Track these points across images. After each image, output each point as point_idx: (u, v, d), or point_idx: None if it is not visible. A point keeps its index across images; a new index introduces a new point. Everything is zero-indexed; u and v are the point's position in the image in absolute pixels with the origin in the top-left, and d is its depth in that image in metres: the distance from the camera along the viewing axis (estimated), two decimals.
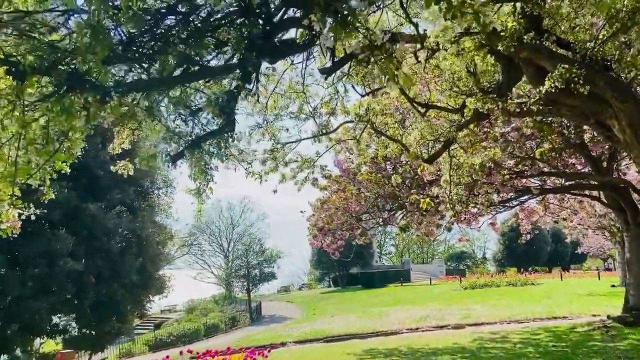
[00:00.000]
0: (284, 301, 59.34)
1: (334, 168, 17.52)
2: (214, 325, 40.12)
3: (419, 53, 7.91)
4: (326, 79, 8.55)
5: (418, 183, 16.02)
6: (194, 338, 35.77)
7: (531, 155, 13.98)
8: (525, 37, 5.47)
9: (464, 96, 8.35)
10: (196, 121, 4.52)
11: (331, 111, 10.16)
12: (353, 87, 9.29)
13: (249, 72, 4.45)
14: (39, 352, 27.16)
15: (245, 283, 59.44)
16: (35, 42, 3.51)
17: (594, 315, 20.23)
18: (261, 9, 4.31)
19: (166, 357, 11.17)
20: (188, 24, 3.89)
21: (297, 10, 4.72)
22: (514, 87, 7.14)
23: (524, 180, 17.82)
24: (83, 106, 3.66)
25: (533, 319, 21.57)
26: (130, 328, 38.06)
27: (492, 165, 11.36)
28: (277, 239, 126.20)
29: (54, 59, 3.44)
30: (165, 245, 31.93)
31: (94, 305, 24.89)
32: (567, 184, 18.31)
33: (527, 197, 19.49)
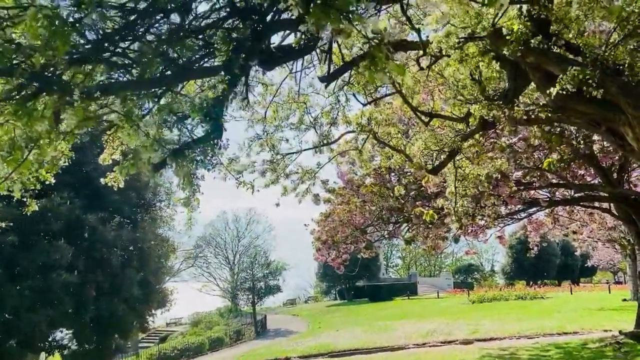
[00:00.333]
0: (289, 314, 58.82)
1: (338, 180, 17.24)
2: (218, 338, 39.67)
3: (422, 60, 7.65)
4: (326, 87, 8.31)
5: (423, 195, 15.70)
6: (198, 352, 35.32)
7: (539, 166, 13.64)
8: (532, 41, 5.19)
9: (468, 105, 8.07)
10: (181, 127, 4.26)
11: (332, 121, 9.91)
12: (354, 96, 9.05)
13: (235, 75, 4.19)
14: None
15: (251, 296, 58.96)
16: None
17: (606, 331, 19.73)
18: (249, 8, 4.06)
19: None
20: (170, 23, 3.66)
21: (290, 12, 4.46)
22: (521, 95, 6.85)
23: (532, 191, 17.46)
24: (44, 108, 3.41)
25: (543, 334, 21.08)
26: (135, 342, 37.67)
27: (499, 177, 11.03)
28: (283, 251, 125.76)
29: (14, 56, 3.20)
30: (168, 258, 31.61)
31: (95, 320, 24.54)
32: (576, 195, 17.91)
33: (535, 209, 19.10)
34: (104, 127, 4.29)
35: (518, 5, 5.36)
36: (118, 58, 3.84)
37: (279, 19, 4.36)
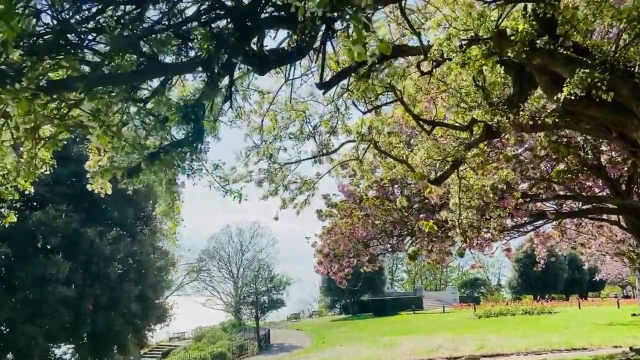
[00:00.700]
0: (293, 329, 58.27)
1: (338, 192, 16.90)
2: (221, 354, 39.17)
3: (422, 65, 7.37)
4: (324, 94, 8.05)
5: (427, 207, 15.36)
6: None
7: (546, 177, 13.30)
8: (539, 41, 4.91)
9: (472, 111, 7.78)
10: (160, 130, 3.96)
11: (331, 130, 9.63)
12: (354, 104, 8.78)
13: (215, 72, 3.91)
14: None
15: (254, 310, 58.45)
16: None
17: (616, 347, 19.26)
18: (234, 3, 3.80)
19: None
20: (142, 15, 3.40)
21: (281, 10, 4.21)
22: (527, 102, 6.56)
23: (539, 204, 17.07)
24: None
25: (551, 350, 20.60)
26: (137, 357, 37.18)
27: (505, 187, 10.69)
28: (287, 265, 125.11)
29: None
30: (168, 271, 31.21)
31: (92, 334, 24.16)
32: (584, 207, 17.51)
33: (542, 221, 18.69)
34: (73, 127, 4.00)
35: (523, 5, 5.09)
36: (84, 51, 3.57)
37: (265, 13, 4.09)
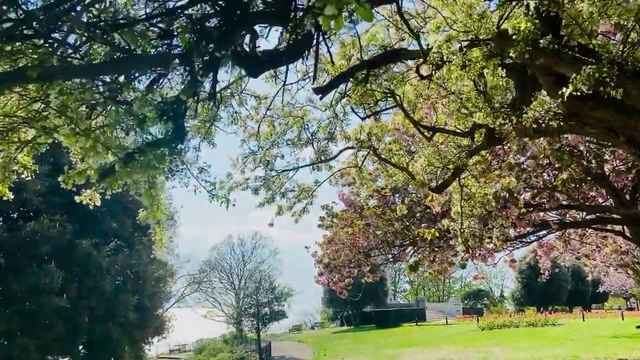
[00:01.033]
0: (295, 341, 57.85)
1: (338, 201, 16.69)
2: None
3: (422, 68, 7.19)
4: (321, 98, 7.87)
5: (429, 217, 15.11)
6: None
7: (550, 185, 13.06)
8: (542, 41, 4.72)
9: (473, 118, 7.59)
10: (139, 129, 3.73)
11: (330, 136, 9.44)
12: (352, 110, 8.59)
13: (195, 68, 3.69)
14: None
15: (255, 322, 58.00)
16: None
17: None
18: None
19: None
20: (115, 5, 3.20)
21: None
22: (530, 106, 6.35)
23: (542, 213, 16.81)
24: None
25: None
26: None
27: (507, 196, 10.45)
28: (289, 276, 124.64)
29: None
30: (166, 282, 30.86)
31: (88, 346, 23.79)
32: (588, 217, 17.24)
33: (545, 232, 18.41)
34: (48, 129, 3.79)
35: (525, 3, 4.90)
36: (46, 40, 3.37)
37: (254, 7, 3.90)
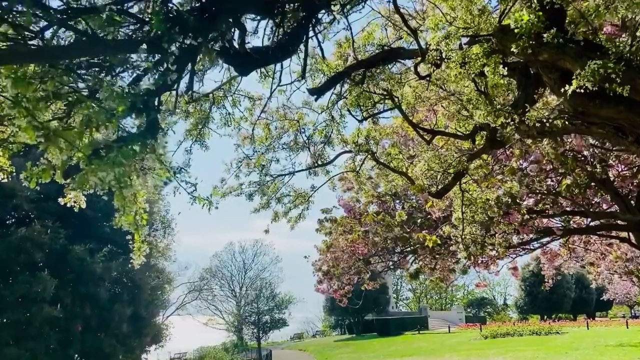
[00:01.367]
0: (296, 349, 57.38)
1: (339, 207, 16.42)
2: None
3: (420, 68, 6.93)
4: (316, 100, 7.62)
5: (430, 223, 14.82)
6: None
7: (554, 191, 12.78)
8: (545, 34, 4.46)
9: (473, 120, 7.33)
10: (103, 122, 3.47)
11: (326, 140, 9.18)
12: (349, 112, 8.33)
13: (166, 54, 3.43)
14: None
15: (256, 330, 57.57)
16: None
17: None
18: None
19: None
20: None
21: None
22: (533, 107, 6.08)
23: (545, 220, 16.50)
24: None
25: None
26: None
27: (510, 201, 10.17)
28: (291, 284, 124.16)
29: None
30: (164, 290, 30.47)
31: (81, 356, 23.31)
32: (592, 224, 16.91)
33: (549, 238, 18.07)
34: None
35: None
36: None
37: None
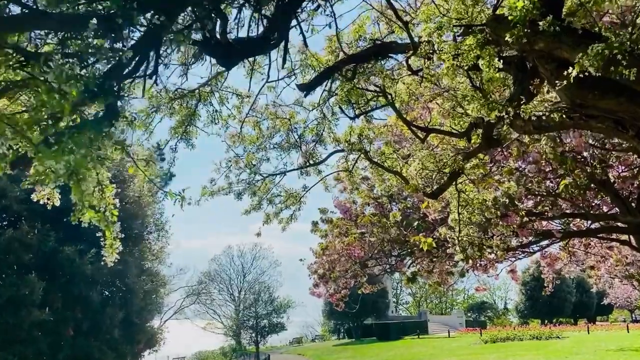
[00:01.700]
0: (295, 353, 57.00)
1: (332, 208, 16.17)
2: None
3: (412, 63, 6.69)
4: (306, 95, 7.39)
5: (427, 225, 14.56)
6: None
7: (553, 192, 12.53)
8: (541, 22, 4.22)
9: (468, 117, 7.08)
10: (55, 107, 3.20)
11: (318, 138, 8.94)
12: (341, 109, 8.08)
13: (120, 31, 3.17)
14: None
15: (254, 334, 57.23)
16: None
17: None
18: None
19: None
20: None
21: None
22: (529, 103, 5.84)
23: (545, 222, 16.23)
24: None
25: None
26: None
27: (507, 202, 9.92)
28: (291, 288, 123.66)
29: None
30: (158, 293, 30.09)
31: None
32: (592, 226, 16.64)
33: (548, 241, 17.80)
34: None
35: None
36: None
37: None
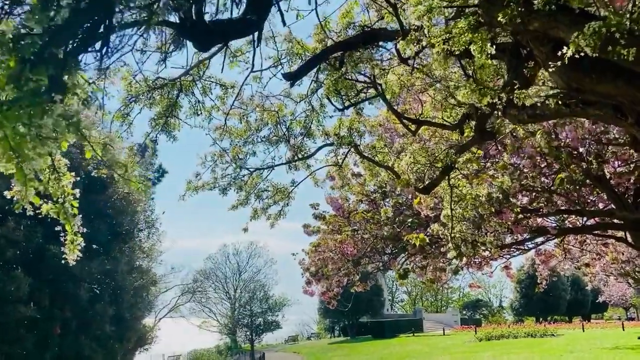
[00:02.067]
0: (290, 352, 56.87)
1: (328, 205, 15.92)
2: None
3: (401, 48, 6.41)
4: (292, 85, 7.10)
5: (421, 222, 14.32)
6: None
7: (547, 188, 12.30)
8: (536, 1, 3.97)
9: (461, 108, 6.84)
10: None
11: (306, 131, 8.66)
12: (329, 99, 7.80)
13: None
14: None
15: (249, 332, 57.00)
16: None
17: None
18: None
19: None
20: None
21: None
22: (524, 89, 5.57)
23: (540, 219, 16.03)
24: None
25: None
26: None
27: (501, 197, 9.67)
28: (287, 286, 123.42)
29: None
30: (149, 291, 29.72)
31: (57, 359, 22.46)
32: (588, 223, 16.45)
33: (543, 238, 17.59)
34: None
35: None
36: None
37: None
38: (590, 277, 29.79)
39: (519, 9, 4.00)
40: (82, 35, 3.13)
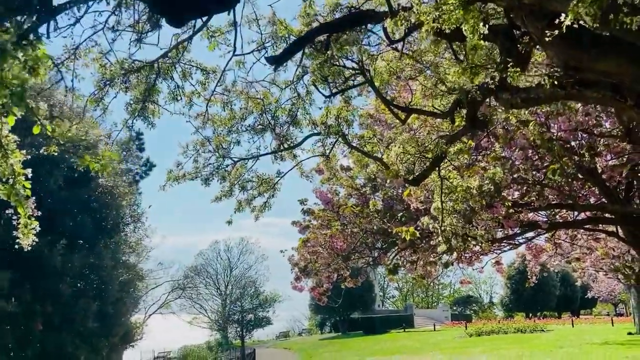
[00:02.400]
0: (281, 348, 56.76)
1: (317, 199, 15.65)
2: None
3: (387, 25, 6.13)
4: (275, 69, 6.82)
5: (411, 216, 14.10)
6: None
7: (538, 181, 12.12)
8: None
9: (452, 95, 6.59)
10: None
11: (292, 120, 8.36)
12: (315, 86, 7.51)
13: None
14: None
15: (239, 328, 56.77)
16: None
17: None
18: None
19: None
20: None
21: None
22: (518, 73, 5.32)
23: (531, 214, 15.87)
24: None
25: None
26: None
27: (492, 189, 9.44)
28: (278, 282, 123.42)
29: None
30: (135, 286, 29.31)
31: (40, 356, 22.00)
32: (579, 218, 16.31)
33: (534, 233, 17.45)
34: None
35: None
36: None
37: None
38: (580, 272, 29.78)
39: None
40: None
